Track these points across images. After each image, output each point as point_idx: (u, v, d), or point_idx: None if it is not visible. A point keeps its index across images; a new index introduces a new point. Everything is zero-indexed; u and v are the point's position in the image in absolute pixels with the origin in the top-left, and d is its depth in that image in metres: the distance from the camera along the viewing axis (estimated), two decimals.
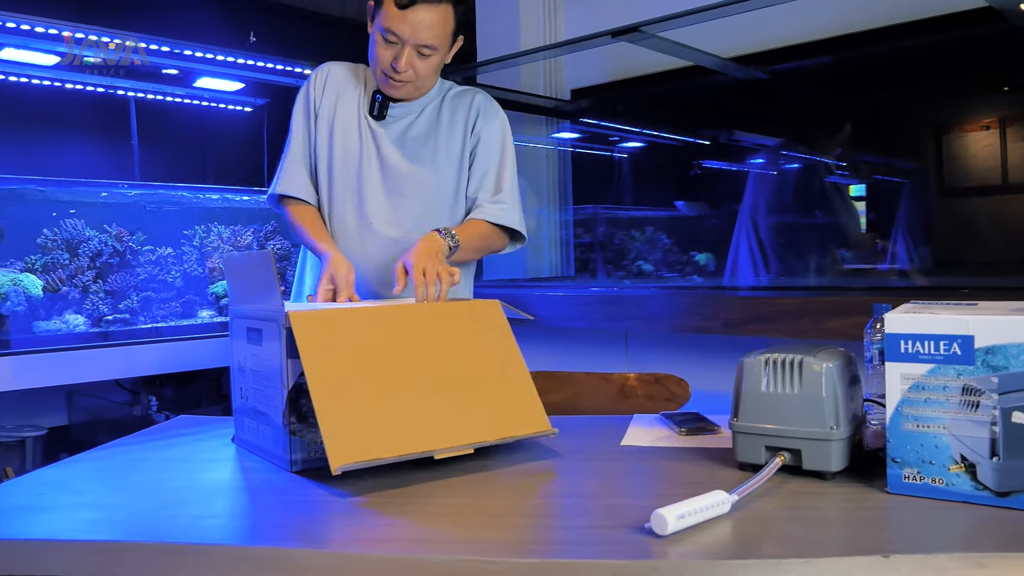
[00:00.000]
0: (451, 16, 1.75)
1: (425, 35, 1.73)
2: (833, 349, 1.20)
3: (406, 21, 1.71)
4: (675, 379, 1.94)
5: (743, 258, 3.35)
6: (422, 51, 1.76)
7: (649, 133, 4.12)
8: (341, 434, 1.17)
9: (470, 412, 1.31)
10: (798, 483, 1.13)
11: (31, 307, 2.70)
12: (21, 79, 3.05)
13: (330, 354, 1.27)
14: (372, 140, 1.88)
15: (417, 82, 1.82)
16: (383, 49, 1.77)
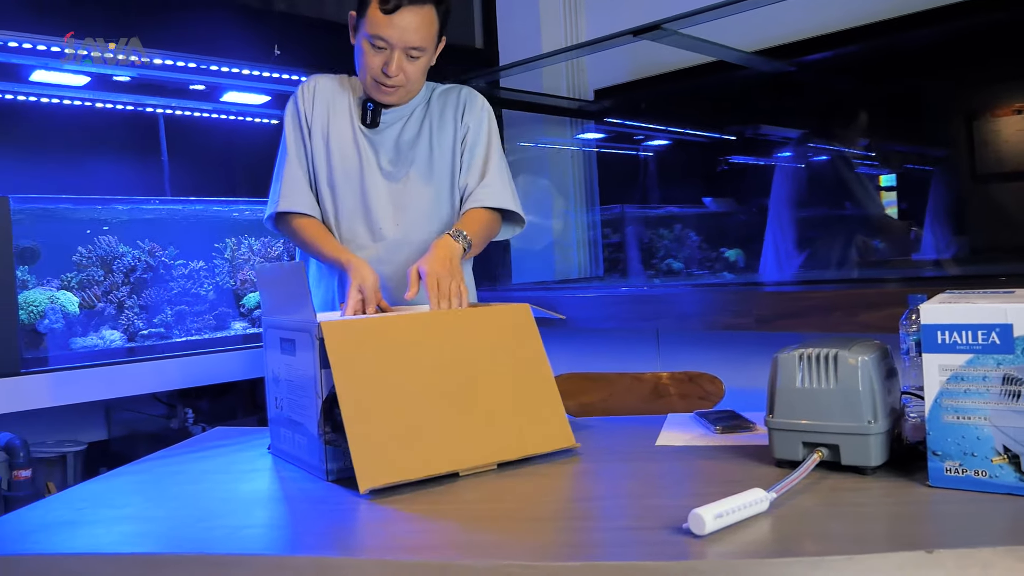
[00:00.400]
0: (435, 16, 1.78)
1: (412, 37, 1.75)
2: (868, 342, 1.18)
3: (393, 25, 1.73)
4: (708, 377, 1.93)
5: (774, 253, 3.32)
6: (411, 54, 1.77)
7: (674, 130, 4.10)
8: (369, 455, 1.20)
9: (495, 429, 1.32)
10: (837, 479, 1.11)
11: (68, 324, 2.74)
12: (53, 100, 3.10)
13: (360, 367, 1.28)
14: (370, 149, 1.90)
15: (408, 85, 1.83)
16: (372, 56, 1.78)
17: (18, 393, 2.44)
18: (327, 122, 1.91)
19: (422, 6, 1.74)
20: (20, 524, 1.19)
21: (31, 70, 2.82)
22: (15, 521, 1.21)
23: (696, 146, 4.06)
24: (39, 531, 1.14)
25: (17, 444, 2.53)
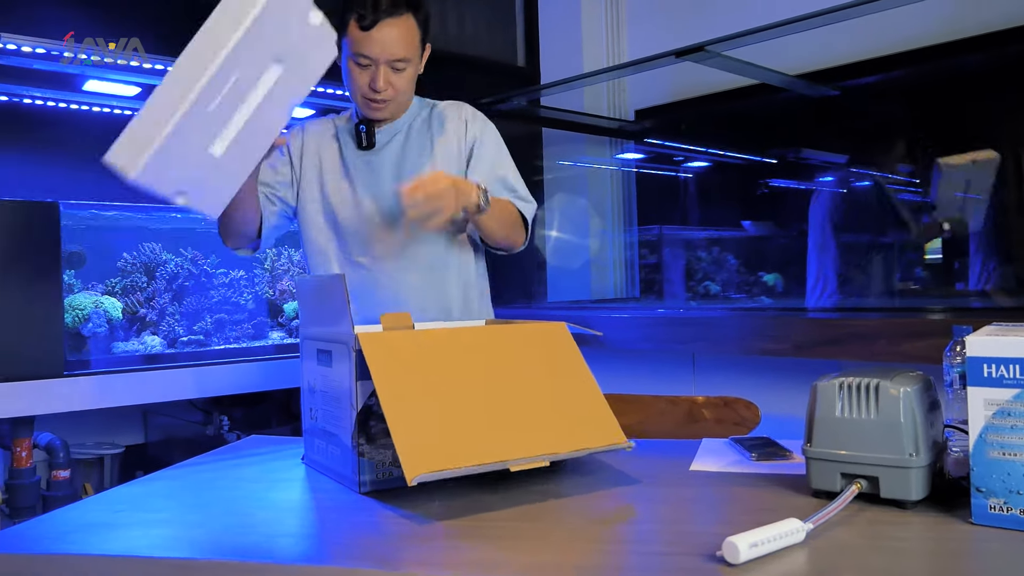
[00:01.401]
0: (415, 24, 1.77)
1: (395, 49, 1.75)
2: (911, 373, 1.16)
3: (373, 40, 1.73)
4: (744, 403, 1.91)
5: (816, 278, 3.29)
6: (396, 66, 1.77)
7: (714, 152, 4.08)
8: (415, 446, 1.17)
9: (544, 425, 1.30)
10: (876, 512, 1.09)
11: (111, 328, 2.79)
12: (104, 109, 3.16)
13: (400, 372, 1.28)
14: (368, 173, 1.90)
15: (398, 98, 1.83)
16: (358, 74, 1.79)
17: (61, 394, 2.49)
18: (319, 161, 1.92)
19: (399, 17, 1.74)
20: (58, 524, 1.21)
21: (84, 79, 2.88)
22: (54, 521, 1.23)
23: (736, 168, 4.04)
24: (77, 531, 1.16)
25: (57, 445, 2.58)
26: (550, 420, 1.31)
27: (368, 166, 1.90)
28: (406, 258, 1.90)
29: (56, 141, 3.17)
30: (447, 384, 1.30)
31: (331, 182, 1.91)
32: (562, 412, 1.34)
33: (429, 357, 1.33)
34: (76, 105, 3.10)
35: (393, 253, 1.90)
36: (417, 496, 1.24)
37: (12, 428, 2.50)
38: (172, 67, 1.25)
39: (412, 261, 1.90)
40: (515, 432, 1.27)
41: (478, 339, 1.44)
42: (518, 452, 1.23)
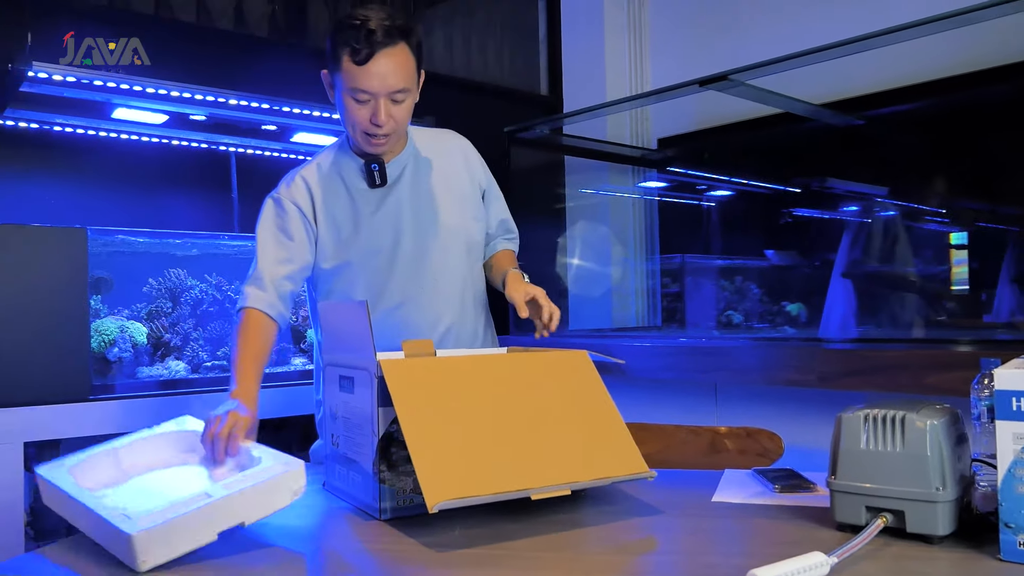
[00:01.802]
0: (409, 53, 1.70)
1: (393, 81, 1.67)
2: (938, 406, 1.15)
3: (371, 75, 1.65)
4: (768, 433, 1.89)
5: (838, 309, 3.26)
6: (395, 97, 1.70)
7: (738, 181, 4.08)
8: (436, 473, 1.17)
9: (565, 453, 1.29)
10: (902, 546, 1.08)
11: (136, 353, 2.82)
12: (132, 136, 3.22)
13: (422, 399, 1.28)
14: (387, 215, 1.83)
15: (399, 130, 1.77)
16: (358, 110, 1.70)
17: (87, 418, 2.51)
18: (331, 210, 1.82)
19: (394, 46, 1.66)
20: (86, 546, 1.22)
21: (113, 107, 2.93)
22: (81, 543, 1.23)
23: (759, 198, 4.03)
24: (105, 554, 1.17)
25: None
26: (572, 448, 1.31)
27: (384, 205, 1.83)
28: (431, 292, 1.86)
29: (85, 168, 3.22)
30: (468, 411, 1.30)
31: (348, 232, 1.82)
32: (584, 441, 1.33)
33: (451, 384, 1.34)
34: (105, 132, 3.15)
35: (419, 290, 1.84)
36: (437, 524, 1.24)
37: (38, 451, 2.52)
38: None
39: (436, 295, 1.86)
40: (536, 460, 1.26)
41: (500, 367, 1.44)
42: (539, 480, 1.22)
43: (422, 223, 1.85)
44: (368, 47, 1.64)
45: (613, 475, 1.29)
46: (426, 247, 1.84)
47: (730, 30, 3.68)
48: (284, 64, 3.59)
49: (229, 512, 1.14)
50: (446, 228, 1.87)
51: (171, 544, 1.09)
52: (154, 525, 1.08)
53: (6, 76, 2.57)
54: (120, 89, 2.76)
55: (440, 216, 1.86)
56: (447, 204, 1.88)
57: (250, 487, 1.18)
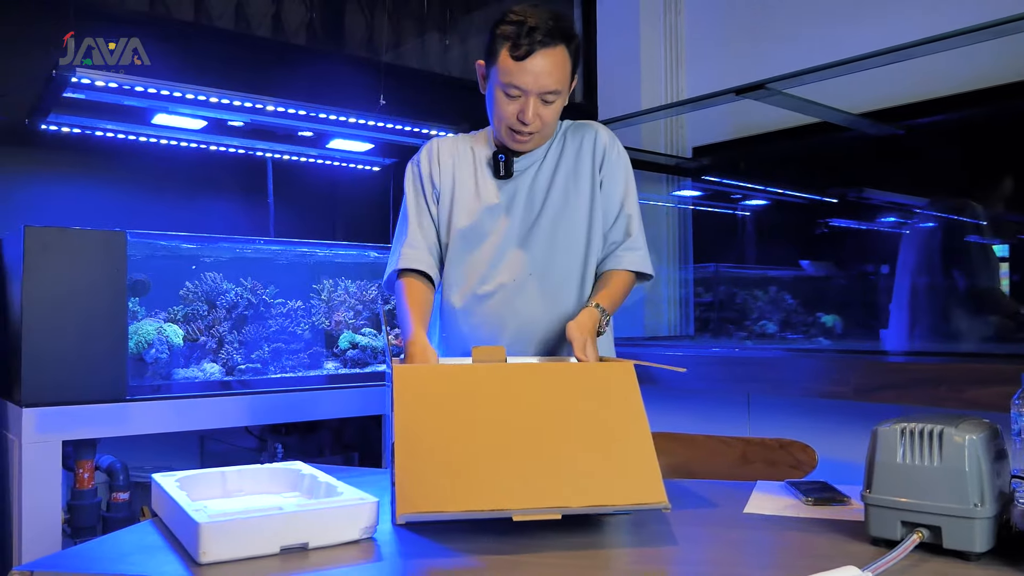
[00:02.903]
0: (567, 56, 1.69)
1: (547, 81, 1.66)
2: (976, 420, 1.13)
3: (526, 71, 1.65)
4: (800, 445, 1.87)
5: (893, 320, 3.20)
6: (546, 98, 1.69)
7: (773, 191, 4.05)
8: (414, 484, 1.16)
9: (565, 474, 1.22)
10: (938, 563, 1.06)
11: (172, 355, 2.85)
12: (171, 142, 3.27)
13: (426, 408, 1.27)
14: (499, 198, 1.82)
15: (544, 130, 1.76)
16: (506, 105, 1.71)
17: (123, 418, 2.55)
18: (453, 183, 1.85)
19: (554, 47, 1.65)
20: (118, 545, 1.24)
21: (153, 113, 2.98)
22: (114, 542, 1.25)
23: (795, 207, 4.00)
24: (135, 553, 1.18)
25: (118, 467, 2.64)
26: (575, 470, 1.23)
27: (501, 194, 1.83)
28: (532, 288, 1.82)
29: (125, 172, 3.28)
30: (470, 424, 1.26)
31: (460, 207, 1.84)
32: (595, 462, 1.25)
33: (463, 395, 1.31)
34: (145, 137, 3.20)
35: (520, 283, 1.81)
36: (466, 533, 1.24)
37: (76, 450, 2.57)
38: None
39: (539, 292, 1.81)
40: (528, 480, 1.20)
41: (531, 378, 1.40)
42: (525, 502, 1.17)
43: (530, 217, 1.82)
44: (528, 44, 1.64)
45: (616, 503, 1.21)
46: (531, 240, 1.82)
47: (766, 38, 3.66)
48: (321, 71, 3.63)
49: (294, 529, 1.17)
50: (555, 223, 1.82)
51: (234, 543, 1.12)
52: (222, 521, 1.12)
53: (50, 82, 2.63)
54: (160, 95, 2.80)
55: (550, 215, 1.82)
56: (563, 199, 1.83)
57: (316, 509, 1.21)
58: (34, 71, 2.83)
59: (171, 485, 1.33)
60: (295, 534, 1.17)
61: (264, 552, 1.14)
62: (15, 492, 2.46)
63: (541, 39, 1.64)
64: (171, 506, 1.26)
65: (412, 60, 4.06)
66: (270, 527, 1.15)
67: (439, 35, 4.21)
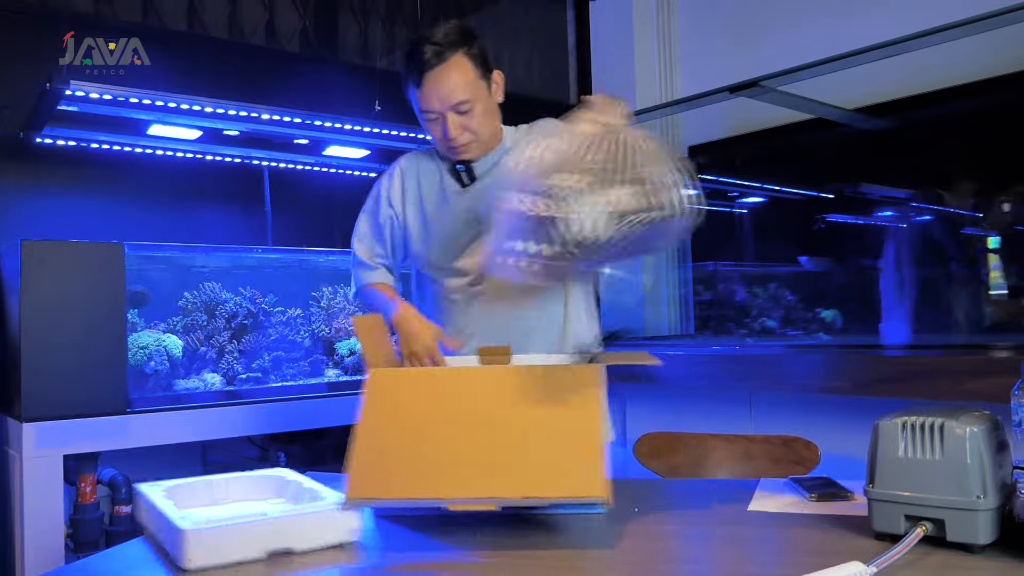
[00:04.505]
0: (466, 62, 1.71)
1: (451, 95, 1.70)
2: (977, 412, 1.13)
3: (428, 94, 1.70)
4: (803, 442, 1.87)
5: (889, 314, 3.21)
6: (459, 109, 1.72)
7: (770, 188, 4.05)
8: (363, 473, 1.25)
9: (506, 469, 1.27)
10: (942, 555, 1.06)
11: (172, 366, 2.85)
12: (167, 152, 3.26)
13: (389, 407, 1.35)
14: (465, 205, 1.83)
15: (479, 137, 1.77)
16: (431, 127, 1.76)
17: (124, 431, 2.54)
18: (418, 196, 1.88)
19: (446, 60, 1.68)
20: (121, 559, 1.23)
21: (148, 124, 2.98)
22: (119, 555, 1.25)
23: (792, 204, 4.00)
24: (139, 567, 1.18)
25: (120, 480, 2.63)
26: (519, 464, 1.28)
27: (470, 201, 1.83)
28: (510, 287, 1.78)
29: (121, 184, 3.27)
30: (428, 422, 1.35)
31: (434, 222, 1.86)
32: (540, 457, 1.28)
33: (430, 396, 1.40)
34: (140, 149, 3.20)
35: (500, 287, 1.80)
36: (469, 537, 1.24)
37: (77, 464, 2.56)
38: None
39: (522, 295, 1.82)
40: (471, 472, 1.26)
41: (498, 380, 1.43)
42: (465, 492, 1.23)
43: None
44: (419, 68, 1.68)
45: (553, 495, 1.24)
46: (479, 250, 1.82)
47: (760, 37, 3.66)
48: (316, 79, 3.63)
49: (279, 534, 1.18)
50: None
51: (220, 549, 1.13)
52: (207, 527, 1.13)
53: (44, 95, 2.62)
54: (155, 106, 2.79)
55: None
56: None
57: (300, 514, 1.23)
58: (28, 84, 2.83)
59: (157, 495, 1.34)
60: (279, 539, 1.18)
61: (249, 558, 1.15)
62: (17, 507, 2.45)
63: (431, 58, 1.68)
64: (156, 515, 1.27)
65: None
66: (254, 533, 1.17)
67: None
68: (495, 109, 1.81)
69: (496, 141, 1.86)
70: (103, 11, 3.21)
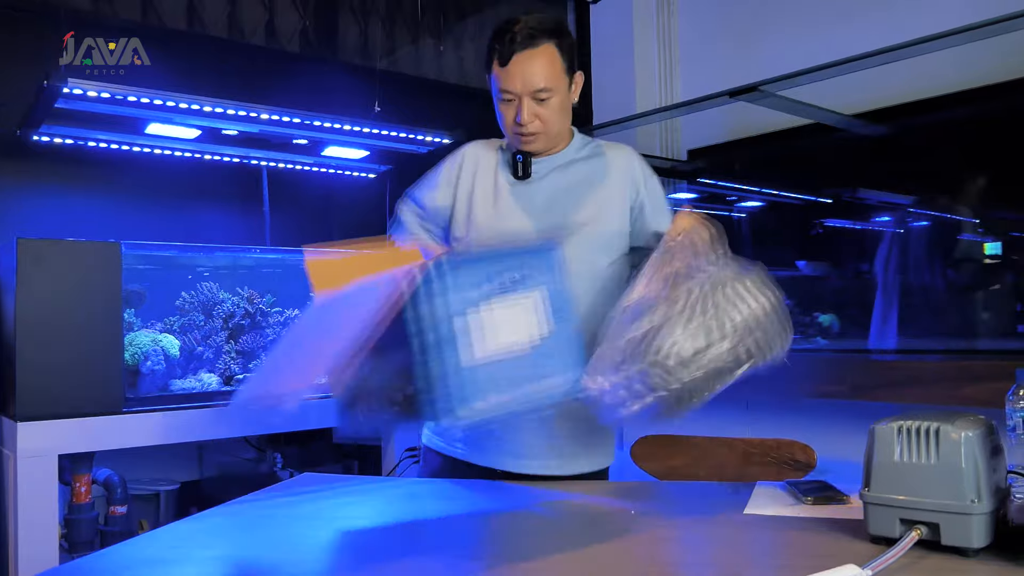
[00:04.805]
0: (556, 53, 1.72)
1: (535, 80, 1.70)
2: (973, 417, 1.13)
3: (512, 74, 1.70)
4: (800, 446, 1.87)
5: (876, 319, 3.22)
6: (538, 96, 1.72)
7: (768, 192, 4.05)
8: None
9: None
10: (937, 559, 1.06)
11: (169, 366, 2.85)
12: (165, 151, 3.26)
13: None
14: (516, 201, 1.81)
15: (547, 130, 1.76)
16: (505, 108, 1.76)
17: (119, 431, 2.54)
18: (472, 185, 1.85)
19: (537, 47, 1.69)
20: (116, 559, 1.23)
21: (147, 123, 2.97)
22: (111, 556, 1.25)
23: (790, 208, 4.00)
24: (134, 567, 1.18)
25: (115, 480, 2.63)
26: None
27: (519, 197, 1.82)
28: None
29: (118, 182, 3.27)
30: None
31: (479, 211, 1.83)
32: None
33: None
34: (139, 148, 3.19)
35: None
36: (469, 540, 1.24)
37: (72, 464, 2.55)
38: None
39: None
40: None
41: None
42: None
43: (551, 218, 1.79)
44: (510, 47, 1.69)
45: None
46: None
47: (760, 41, 3.67)
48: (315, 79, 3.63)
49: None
50: (577, 227, 1.77)
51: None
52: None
53: (42, 92, 2.62)
54: (154, 104, 2.79)
55: (572, 216, 1.79)
56: (585, 206, 1.81)
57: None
58: (25, 81, 2.82)
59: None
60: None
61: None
62: (11, 507, 2.45)
63: (522, 40, 1.69)
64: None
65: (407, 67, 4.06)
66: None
67: (433, 41, 4.21)
68: (569, 108, 1.81)
69: (562, 141, 1.85)
70: (102, 9, 3.21)
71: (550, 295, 1.30)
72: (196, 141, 3.21)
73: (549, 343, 1.29)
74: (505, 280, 1.26)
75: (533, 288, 1.28)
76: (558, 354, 1.31)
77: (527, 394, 1.25)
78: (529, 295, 1.28)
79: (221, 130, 3.15)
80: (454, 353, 1.17)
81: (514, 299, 1.26)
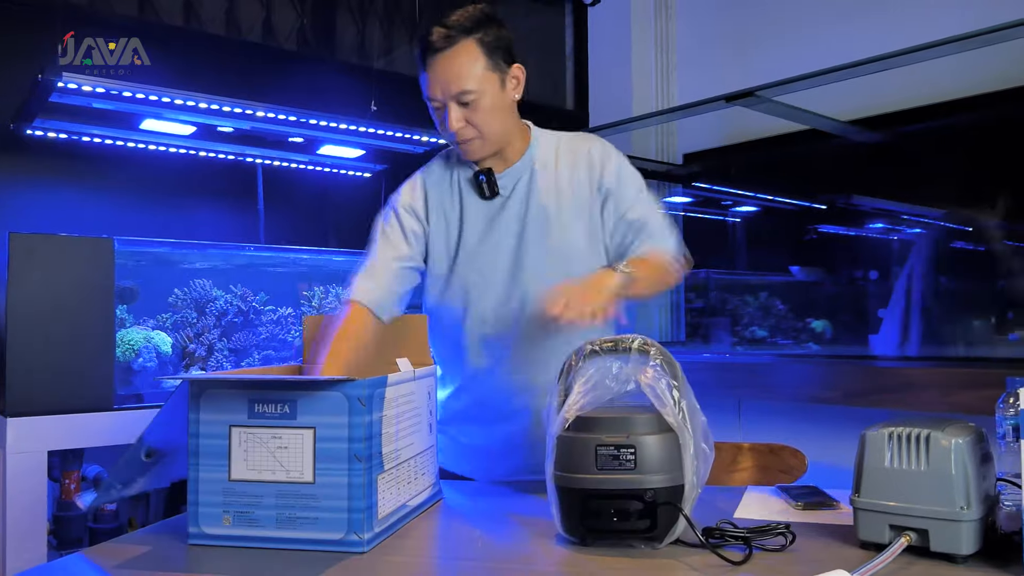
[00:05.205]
0: (476, 50, 1.58)
1: (455, 83, 1.58)
2: (963, 424, 1.13)
3: (432, 80, 1.60)
4: (791, 450, 1.87)
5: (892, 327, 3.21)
6: (462, 100, 1.59)
7: (763, 197, 4.06)
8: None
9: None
10: (926, 565, 1.06)
11: (161, 363, 2.84)
12: (160, 147, 3.25)
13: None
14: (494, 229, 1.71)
15: (486, 133, 1.64)
16: (436, 117, 1.65)
17: (110, 428, 2.52)
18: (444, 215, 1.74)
19: (453, 48, 1.57)
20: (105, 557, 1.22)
21: (141, 119, 2.97)
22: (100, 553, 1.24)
23: (785, 214, 4.01)
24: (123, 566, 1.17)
25: (105, 477, 2.62)
26: None
27: (492, 220, 1.71)
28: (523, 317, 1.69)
29: (112, 178, 3.26)
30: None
31: (455, 239, 1.72)
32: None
33: None
34: (133, 143, 3.19)
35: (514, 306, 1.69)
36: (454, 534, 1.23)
37: (62, 460, 2.54)
38: None
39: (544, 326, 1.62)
40: None
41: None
42: None
43: (529, 242, 1.69)
44: (424, 53, 1.60)
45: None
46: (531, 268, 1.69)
47: (757, 46, 3.67)
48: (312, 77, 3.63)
49: None
50: (554, 250, 1.69)
51: None
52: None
53: (36, 86, 2.61)
54: (149, 100, 2.78)
55: (549, 238, 1.69)
56: (560, 222, 1.70)
57: None
58: (20, 75, 2.82)
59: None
60: None
61: None
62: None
63: (438, 41, 1.57)
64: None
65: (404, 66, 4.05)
66: None
67: None
68: (508, 107, 1.67)
69: (514, 143, 1.72)
70: (99, 5, 3.21)
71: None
72: (191, 138, 3.21)
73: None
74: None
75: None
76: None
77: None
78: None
79: (216, 127, 3.15)
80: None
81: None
